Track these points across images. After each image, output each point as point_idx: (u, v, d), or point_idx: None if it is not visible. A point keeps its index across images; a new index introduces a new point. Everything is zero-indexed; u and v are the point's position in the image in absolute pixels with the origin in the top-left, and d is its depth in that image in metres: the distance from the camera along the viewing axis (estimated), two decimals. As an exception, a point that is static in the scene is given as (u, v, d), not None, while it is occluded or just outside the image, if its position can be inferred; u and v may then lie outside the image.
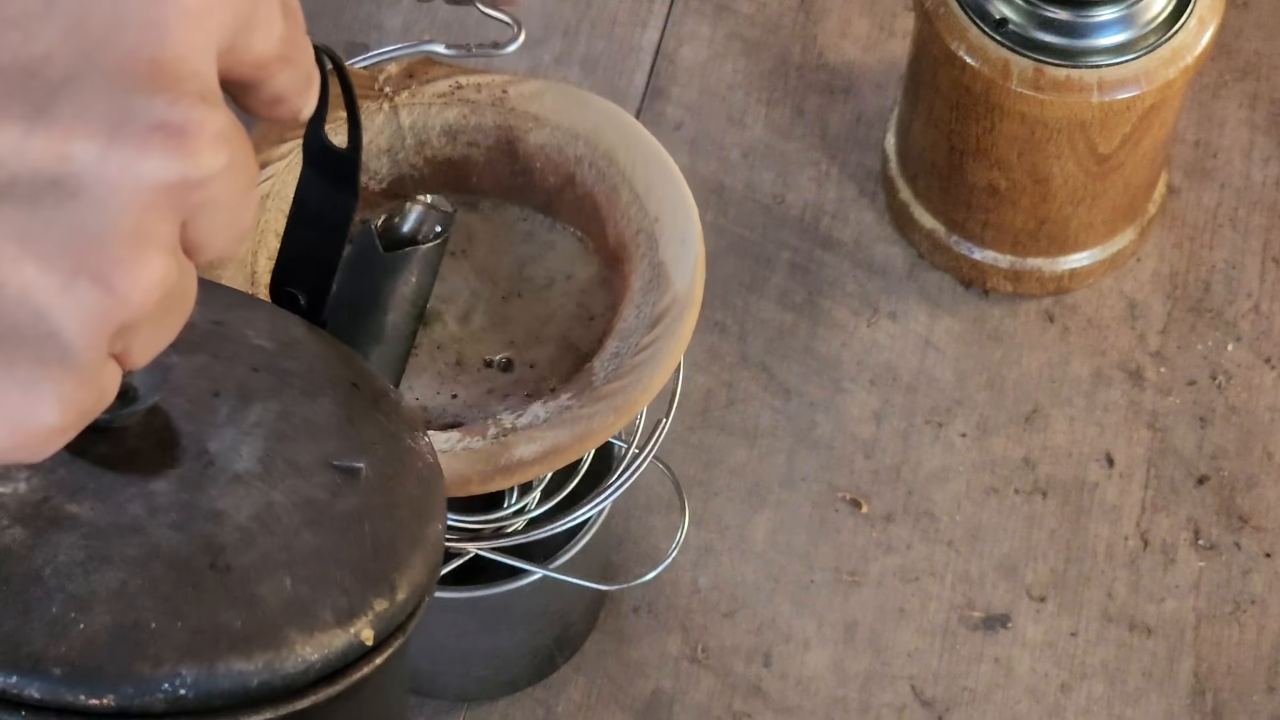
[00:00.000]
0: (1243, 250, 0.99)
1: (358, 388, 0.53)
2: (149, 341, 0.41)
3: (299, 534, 0.47)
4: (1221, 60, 1.03)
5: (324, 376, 0.52)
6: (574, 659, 0.89)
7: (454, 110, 0.74)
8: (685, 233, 0.71)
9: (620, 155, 0.72)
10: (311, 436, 0.49)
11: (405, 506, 0.49)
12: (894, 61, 1.03)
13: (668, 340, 0.69)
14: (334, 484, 0.48)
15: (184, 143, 0.39)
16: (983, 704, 0.88)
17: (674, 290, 0.70)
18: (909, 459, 0.93)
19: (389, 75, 0.74)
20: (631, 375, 0.69)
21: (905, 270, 0.98)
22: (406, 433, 0.52)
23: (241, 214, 0.41)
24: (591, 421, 0.67)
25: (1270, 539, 0.92)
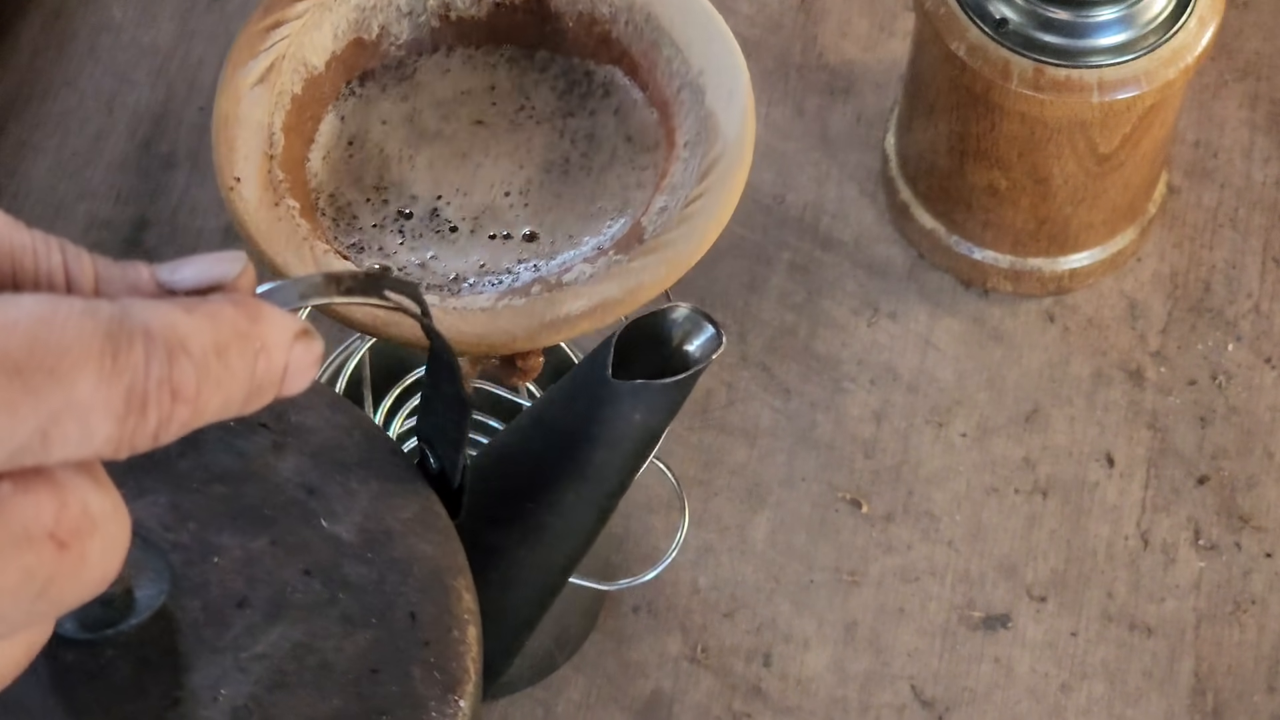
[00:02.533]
0: (1243, 250, 0.99)
1: (415, 619, 0.44)
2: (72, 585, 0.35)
3: None
4: (1222, 60, 1.03)
5: (383, 598, 0.44)
6: (573, 659, 0.89)
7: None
8: (733, 84, 0.68)
9: (658, 8, 0.70)
10: (315, 686, 0.42)
11: None
12: (894, 61, 1.03)
13: (719, 191, 0.66)
14: None
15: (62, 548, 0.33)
16: (983, 704, 0.88)
17: (723, 139, 0.67)
18: (909, 459, 0.93)
19: None
20: (682, 227, 0.65)
21: (905, 270, 0.98)
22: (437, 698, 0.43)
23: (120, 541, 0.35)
24: (642, 275, 0.64)
25: (1271, 539, 0.92)
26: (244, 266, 0.36)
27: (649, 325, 0.48)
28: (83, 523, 0.34)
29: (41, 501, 0.33)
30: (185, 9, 1.05)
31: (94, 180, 1.00)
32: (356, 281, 0.39)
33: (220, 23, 1.04)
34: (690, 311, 0.48)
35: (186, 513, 0.44)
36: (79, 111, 1.02)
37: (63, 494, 0.34)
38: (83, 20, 1.05)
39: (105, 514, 0.34)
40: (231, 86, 0.70)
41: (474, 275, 0.67)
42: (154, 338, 0.33)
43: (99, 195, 0.99)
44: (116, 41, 1.04)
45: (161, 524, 0.44)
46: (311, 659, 0.43)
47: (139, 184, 1.00)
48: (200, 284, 0.36)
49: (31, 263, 0.36)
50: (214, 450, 0.45)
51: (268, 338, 0.35)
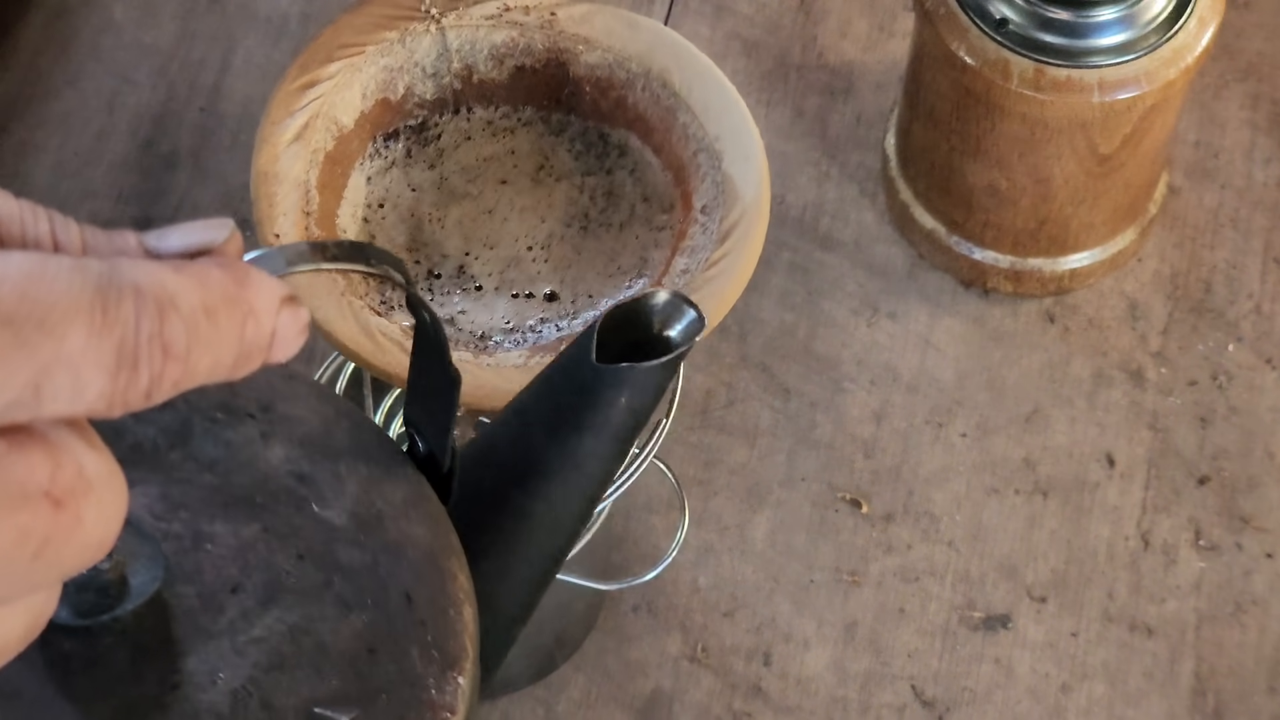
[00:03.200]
0: (1244, 250, 0.99)
1: (411, 601, 0.44)
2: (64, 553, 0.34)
3: None
4: (1222, 60, 1.03)
5: (377, 580, 0.44)
6: (574, 658, 0.89)
7: (502, 33, 0.73)
8: (748, 149, 0.70)
9: (674, 76, 0.71)
10: (313, 667, 0.42)
11: None
12: (894, 61, 1.03)
13: (739, 253, 0.68)
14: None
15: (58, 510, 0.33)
16: (983, 704, 0.88)
17: (743, 203, 0.69)
18: (909, 459, 0.93)
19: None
20: (705, 289, 0.68)
21: (905, 270, 0.98)
22: (435, 676, 0.43)
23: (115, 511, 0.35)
24: None
25: (1272, 540, 0.92)
26: (231, 233, 0.37)
27: (630, 311, 0.48)
28: (78, 483, 0.34)
29: (36, 460, 0.33)
30: (186, 9, 1.05)
31: (95, 180, 1.00)
32: (341, 249, 0.39)
33: (221, 23, 1.05)
34: (671, 296, 0.48)
35: (177, 502, 0.44)
36: (80, 111, 1.02)
37: (57, 454, 0.34)
38: (84, 20, 1.05)
39: (101, 476, 0.34)
40: (269, 144, 0.71)
41: (500, 333, 0.69)
42: (144, 294, 0.34)
43: (100, 195, 0.99)
44: (118, 41, 1.04)
45: (153, 514, 0.44)
46: (308, 641, 0.43)
47: (140, 184, 1.00)
48: (188, 249, 0.36)
49: (19, 230, 0.36)
50: (202, 441, 0.45)
51: (255, 302, 0.35)
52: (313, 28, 1.04)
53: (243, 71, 1.03)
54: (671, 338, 0.48)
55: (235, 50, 1.04)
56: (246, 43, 1.04)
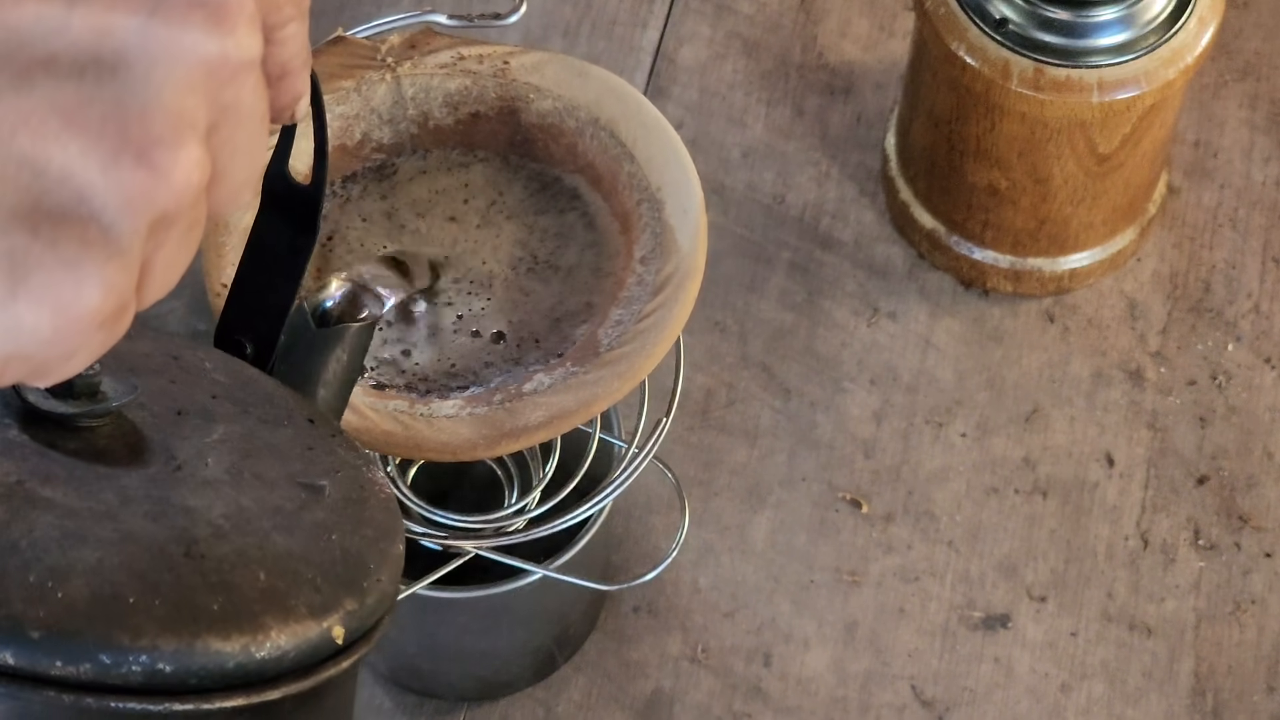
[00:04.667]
0: (1243, 250, 0.99)
1: (314, 424, 0.53)
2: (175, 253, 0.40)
3: (269, 536, 0.47)
4: (1221, 60, 1.03)
5: (283, 409, 0.53)
6: (574, 659, 0.89)
7: (456, 81, 0.74)
8: (688, 202, 0.70)
9: (621, 126, 0.72)
10: (275, 456, 0.50)
11: (370, 526, 0.49)
12: (894, 61, 1.03)
13: (671, 307, 0.69)
14: (300, 498, 0.48)
15: (223, 19, 0.39)
16: (983, 704, 0.88)
17: (678, 256, 0.70)
18: (909, 459, 0.93)
19: (391, 46, 0.74)
20: (635, 342, 0.68)
21: (905, 270, 0.98)
22: (365, 465, 0.52)
23: (257, 142, 0.41)
24: (596, 387, 0.67)
25: (1270, 539, 0.92)
26: None
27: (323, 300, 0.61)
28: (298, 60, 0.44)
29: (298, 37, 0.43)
30: (185, 9, 1.05)
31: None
32: None
33: (220, 22, 1.04)
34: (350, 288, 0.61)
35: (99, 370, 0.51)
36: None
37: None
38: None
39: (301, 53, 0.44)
40: None
41: (443, 377, 0.71)
42: None
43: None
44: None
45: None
46: (259, 441, 0.50)
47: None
48: None
49: None
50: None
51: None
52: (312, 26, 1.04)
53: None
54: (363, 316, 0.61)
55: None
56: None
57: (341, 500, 0.49)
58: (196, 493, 0.47)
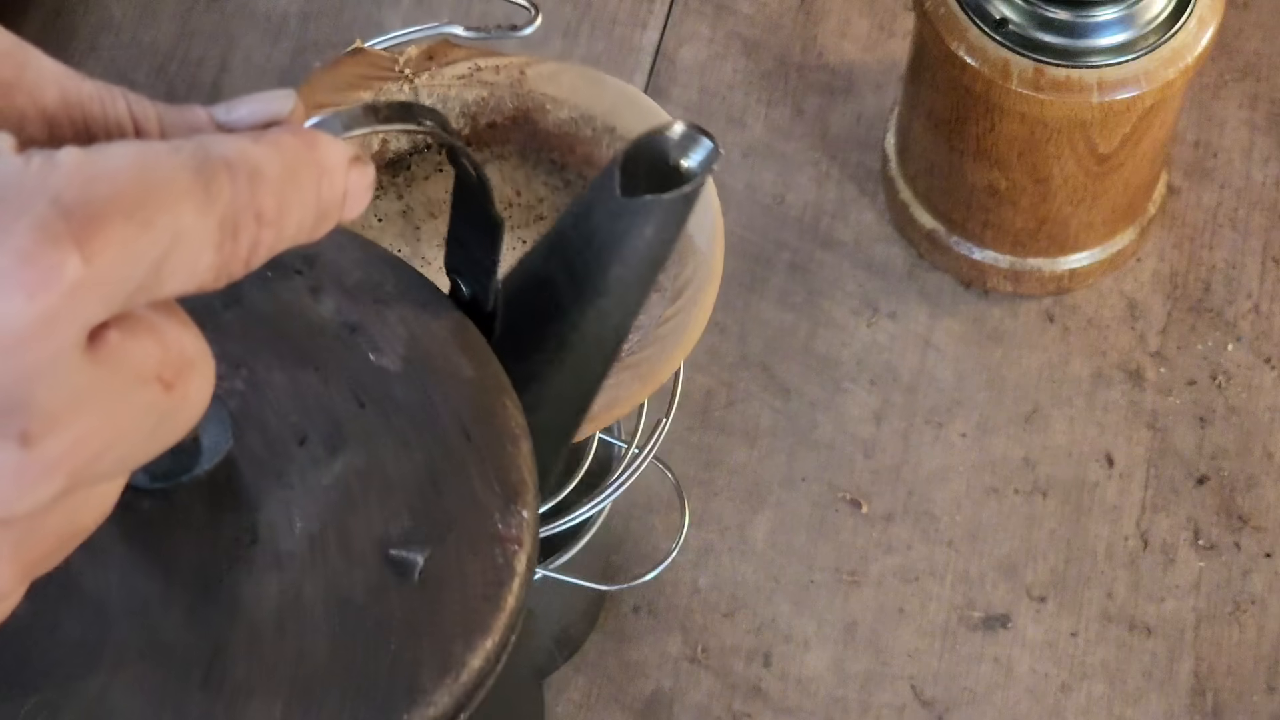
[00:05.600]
0: (1243, 250, 0.99)
1: (469, 439, 0.46)
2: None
3: (313, 643, 0.42)
4: (1221, 60, 1.03)
5: (435, 418, 0.46)
6: (574, 659, 0.89)
7: (473, 92, 0.74)
8: (704, 207, 0.71)
9: (636, 134, 0.72)
10: (382, 506, 0.44)
11: (452, 618, 0.43)
12: (894, 61, 1.03)
13: (690, 311, 0.69)
14: (379, 580, 0.43)
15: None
16: (983, 704, 0.88)
17: (695, 260, 0.70)
18: (909, 459, 0.93)
19: (409, 57, 0.74)
20: (655, 346, 0.69)
21: (905, 270, 0.98)
22: (499, 509, 0.45)
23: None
24: (617, 390, 0.67)
25: (1270, 539, 0.92)
26: (295, 103, 0.38)
27: (648, 145, 0.50)
28: (182, 362, 0.36)
29: (147, 346, 0.35)
30: (185, 8, 1.05)
31: (94, 180, 1.00)
32: (392, 110, 0.42)
33: (220, 22, 1.04)
34: (686, 128, 0.50)
35: (237, 360, 0.46)
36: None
37: (162, 337, 0.36)
38: (83, 19, 1.05)
39: (198, 352, 0.37)
40: None
41: None
42: (234, 167, 0.36)
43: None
44: (117, 40, 1.04)
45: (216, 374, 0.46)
46: (375, 480, 0.44)
47: (139, 183, 1.00)
48: (256, 121, 0.38)
49: (99, 110, 0.37)
50: (255, 299, 0.47)
51: (328, 162, 0.38)
52: (312, 27, 1.04)
53: (242, 71, 1.03)
54: (689, 168, 0.49)
55: (234, 49, 1.04)
56: (245, 42, 1.04)
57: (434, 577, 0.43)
58: (257, 576, 0.43)
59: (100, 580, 0.42)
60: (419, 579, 0.43)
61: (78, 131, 0.37)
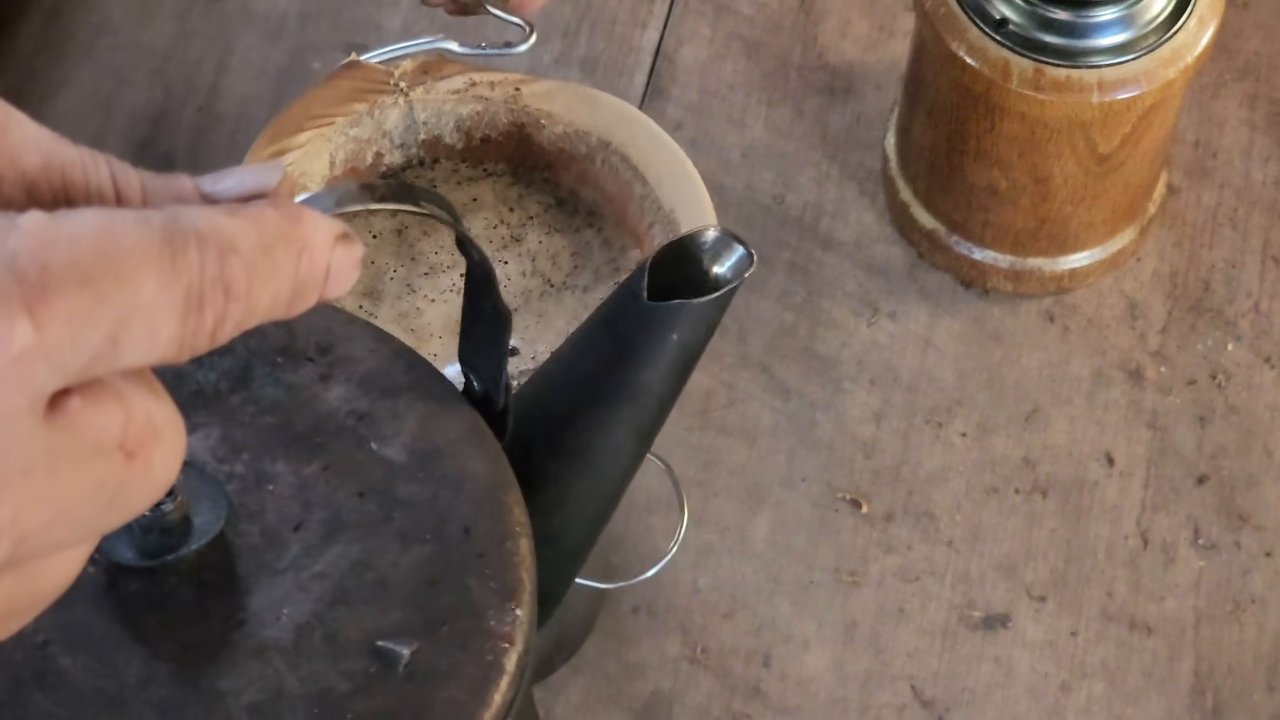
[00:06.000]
0: (1243, 250, 0.99)
1: (469, 533, 0.45)
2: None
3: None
4: (1221, 60, 1.03)
5: (436, 514, 0.45)
6: (573, 660, 0.89)
7: (468, 106, 0.75)
8: (702, 223, 0.71)
9: (632, 151, 0.73)
10: (375, 601, 0.44)
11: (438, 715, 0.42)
12: (894, 61, 1.03)
13: None
14: (365, 674, 0.42)
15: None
16: (983, 704, 0.88)
17: None
18: (909, 459, 0.93)
19: (404, 71, 0.75)
20: None
21: (905, 270, 0.98)
22: (495, 606, 0.44)
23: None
24: None
25: (1270, 538, 0.92)
26: (283, 175, 0.38)
27: (680, 248, 0.49)
28: (147, 432, 0.35)
29: (110, 413, 0.35)
30: (183, 9, 1.05)
31: (93, 180, 0.99)
32: (390, 190, 0.41)
33: (218, 23, 1.04)
34: (720, 234, 0.49)
35: (239, 444, 0.46)
36: (77, 111, 1.02)
37: (128, 405, 0.35)
38: (81, 20, 1.05)
39: (166, 422, 0.36)
40: None
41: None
42: (205, 239, 0.35)
43: (98, 195, 0.99)
44: (115, 41, 1.04)
45: (215, 456, 0.45)
46: (370, 575, 0.44)
47: (138, 184, 1.00)
48: (242, 193, 0.37)
49: (81, 176, 0.37)
50: (263, 384, 0.47)
51: (310, 238, 0.37)
52: (311, 28, 1.04)
53: (240, 71, 1.03)
54: (721, 274, 0.49)
55: (233, 50, 1.03)
56: (244, 42, 1.04)
57: (423, 671, 0.43)
58: (239, 666, 0.42)
59: (77, 660, 0.41)
60: (404, 672, 0.43)
61: (57, 197, 0.37)
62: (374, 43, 1.03)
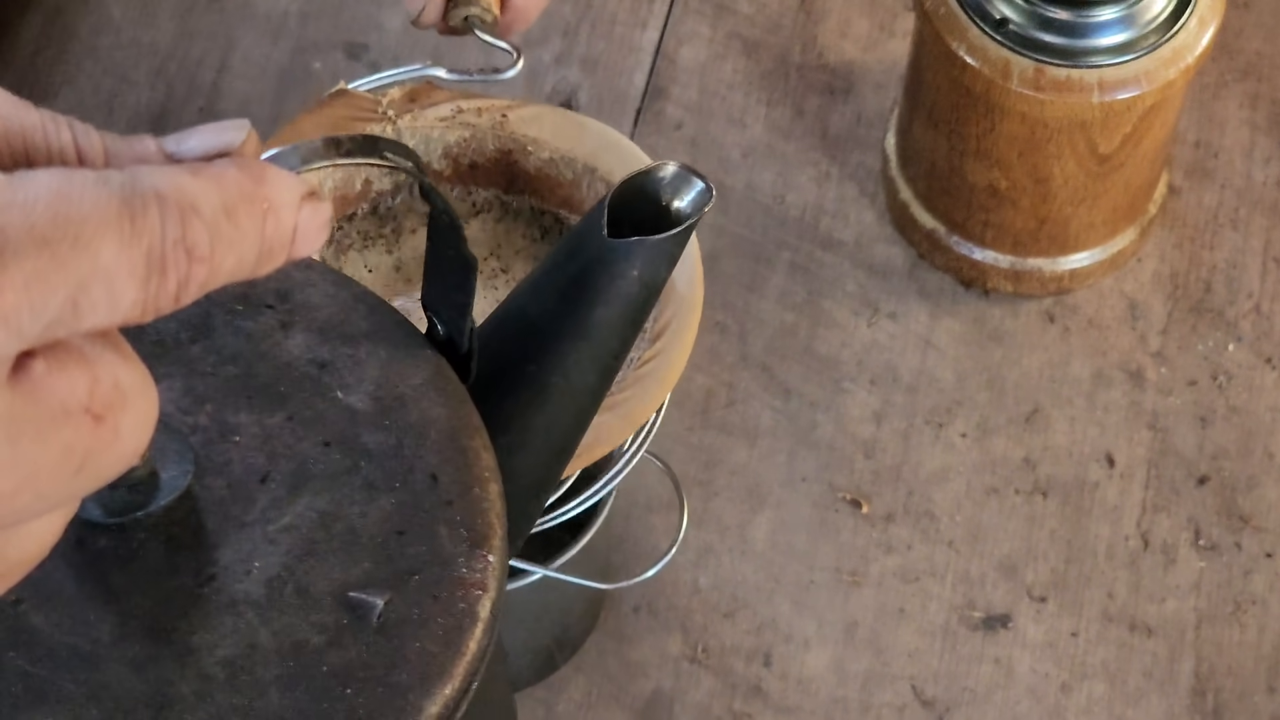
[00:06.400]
0: (1243, 250, 0.99)
1: (436, 481, 0.45)
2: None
3: (265, 692, 0.41)
4: (1222, 60, 1.03)
5: (402, 462, 0.45)
6: (574, 659, 0.89)
7: (455, 134, 0.75)
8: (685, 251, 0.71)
9: (618, 177, 0.73)
10: (344, 552, 0.43)
11: (411, 665, 0.42)
12: (894, 61, 1.03)
13: (670, 353, 0.70)
14: (337, 625, 0.42)
15: None
16: (983, 704, 0.88)
17: (675, 303, 0.71)
18: (909, 459, 0.93)
19: (392, 99, 0.75)
20: (635, 388, 0.69)
21: (905, 270, 0.98)
22: (465, 554, 0.44)
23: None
24: (599, 430, 0.68)
25: (1271, 539, 0.92)
26: (248, 133, 0.37)
27: (639, 184, 0.48)
28: (114, 396, 0.35)
29: (75, 377, 0.34)
30: (184, 9, 1.05)
31: (94, 180, 1.00)
32: (355, 143, 0.40)
33: (219, 22, 1.04)
34: (678, 169, 0.49)
35: (202, 395, 0.45)
36: (79, 111, 1.02)
37: (94, 369, 0.34)
38: (82, 20, 1.05)
39: (135, 386, 0.35)
40: None
41: None
42: (166, 200, 0.34)
43: (99, 195, 0.99)
44: (116, 41, 1.04)
45: (179, 408, 0.45)
46: (338, 526, 0.43)
47: (139, 184, 1.00)
48: (207, 152, 0.37)
49: (42, 140, 0.36)
50: (223, 334, 0.46)
51: (275, 198, 0.36)
52: (311, 27, 1.04)
53: (241, 71, 1.03)
54: (680, 209, 0.48)
55: (234, 49, 1.04)
56: (245, 42, 1.04)
57: (394, 622, 0.42)
58: (211, 620, 0.42)
59: (49, 618, 0.41)
60: (378, 623, 0.42)
61: (18, 161, 0.36)
62: (374, 42, 1.03)
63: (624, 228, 0.48)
